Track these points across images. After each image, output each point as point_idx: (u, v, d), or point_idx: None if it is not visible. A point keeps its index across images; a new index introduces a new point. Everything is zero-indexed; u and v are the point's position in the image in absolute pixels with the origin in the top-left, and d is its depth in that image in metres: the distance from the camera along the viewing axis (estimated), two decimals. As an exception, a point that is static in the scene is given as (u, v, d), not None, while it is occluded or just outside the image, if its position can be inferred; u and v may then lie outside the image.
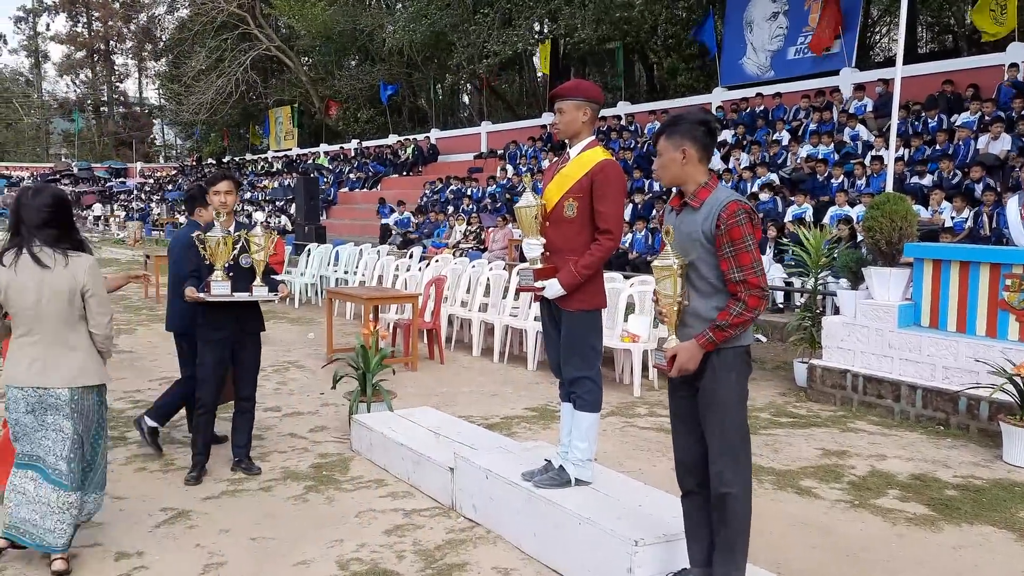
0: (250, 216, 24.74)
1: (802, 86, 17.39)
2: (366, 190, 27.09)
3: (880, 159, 12.08)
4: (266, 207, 28.54)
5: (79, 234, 4.01)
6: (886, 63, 20.99)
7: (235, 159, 42.24)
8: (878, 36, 27.71)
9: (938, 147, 12.60)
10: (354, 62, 37.46)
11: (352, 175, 29.20)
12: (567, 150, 4.09)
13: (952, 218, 10.56)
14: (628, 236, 13.49)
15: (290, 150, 38.30)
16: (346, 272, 14.03)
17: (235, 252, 5.11)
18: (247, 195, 30.91)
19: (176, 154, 63.11)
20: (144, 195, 41.88)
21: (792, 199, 12.61)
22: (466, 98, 39.19)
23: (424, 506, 4.74)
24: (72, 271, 3.75)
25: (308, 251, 14.68)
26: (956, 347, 6.42)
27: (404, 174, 27.13)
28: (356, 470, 5.37)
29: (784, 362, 8.66)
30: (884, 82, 14.87)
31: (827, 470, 5.37)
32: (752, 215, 3.10)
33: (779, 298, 10.91)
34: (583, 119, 3.99)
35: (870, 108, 14.94)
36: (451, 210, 19.67)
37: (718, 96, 19.44)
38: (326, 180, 29.15)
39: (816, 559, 4.08)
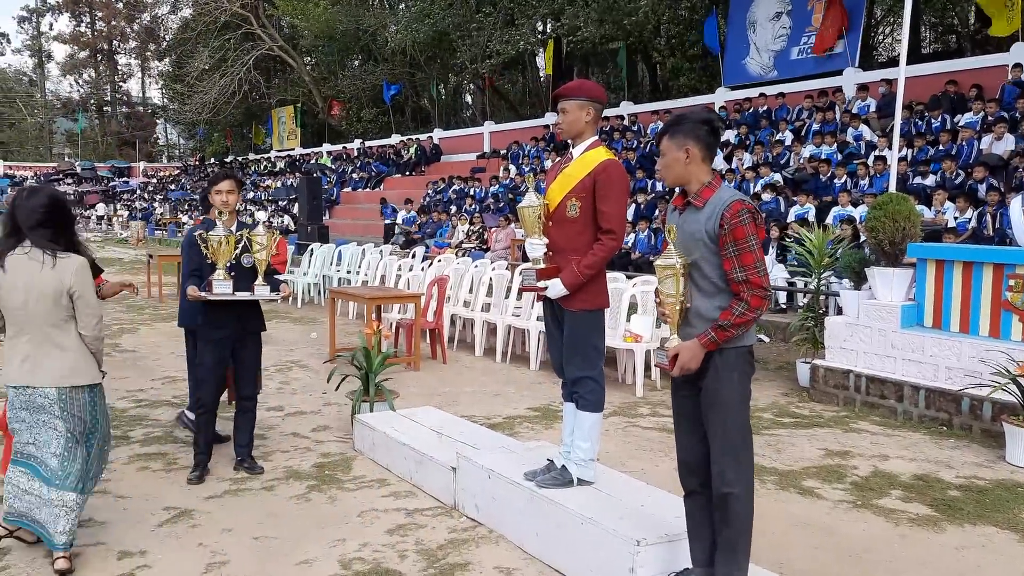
0: (252, 215, 24.75)
1: (805, 86, 17.38)
2: (369, 190, 27.11)
3: (883, 159, 12.07)
4: (269, 207, 28.57)
5: (76, 235, 4.01)
6: (889, 63, 20.99)
7: (238, 159, 42.30)
8: (881, 36, 27.69)
9: (941, 147, 12.58)
10: (357, 62, 37.53)
11: (355, 175, 29.23)
12: (570, 150, 4.09)
13: (955, 218, 10.54)
14: (631, 236, 13.49)
15: (293, 150, 38.35)
16: (349, 272, 14.04)
17: (237, 251, 5.12)
18: (250, 195, 30.93)
19: (179, 154, 63.24)
20: (147, 195, 41.98)
21: (795, 199, 12.60)
22: (469, 98, 39.24)
23: (426, 506, 4.74)
24: (58, 272, 3.75)
25: (311, 251, 14.69)
26: (959, 347, 6.41)
27: (407, 174, 27.15)
28: (358, 470, 5.37)
29: (787, 362, 8.66)
30: (887, 82, 14.85)
31: (830, 470, 5.37)
32: (755, 215, 3.09)
33: (782, 298, 10.90)
34: (586, 119, 3.99)
35: (873, 108, 14.92)
36: (454, 210, 19.68)
37: (721, 96, 19.43)
38: (329, 180, 29.17)
39: (818, 559, 4.08)
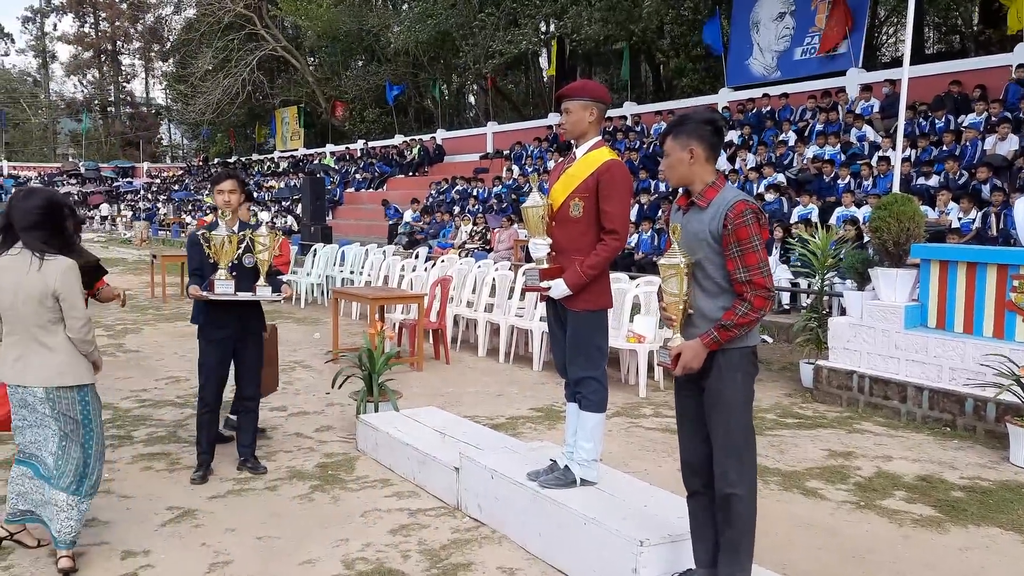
0: (256, 215, 24.76)
1: (808, 87, 17.36)
2: (372, 190, 27.13)
3: (887, 160, 12.05)
4: (272, 207, 28.60)
5: (72, 239, 4.03)
6: (893, 63, 20.93)
7: (241, 159, 42.34)
8: (885, 36, 27.67)
9: (945, 148, 12.56)
10: (360, 62, 37.57)
11: (358, 175, 29.25)
12: (573, 150, 4.09)
13: (959, 219, 10.52)
14: (634, 237, 13.48)
15: (296, 150, 38.38)
16: (352, 272, 14.06)
17: (239, 251, 5.13)
18: (253, 195, 30.92)
19: (183, 154, 63.30)
20: (151, 195, 42.02)
21: (798, 200, 12.59)
22: (472, 98, 39.26)
23: (429, 506, 4.74)
24: (44, 274, 3.75)
25: (314, 251, 14.69)
26: (963, 348, 6.40)
27: (410, 174, 27.16)
28: (362, 470, 5.37)
29: (790, 363, 8.65)
30: (891, 82, 14.83)
31: (833, 471, 5.36)
32: (759, 215, 3.09)
33: (785, 299, 10.89)
34: (590, 119, 3.99)
35: (877, 109, 14.90)
36: (457, 210, 19.69)
37: (724, 96, 19.42)
38: (332, 180, 29.19)
39: (822, 560, 4.07)
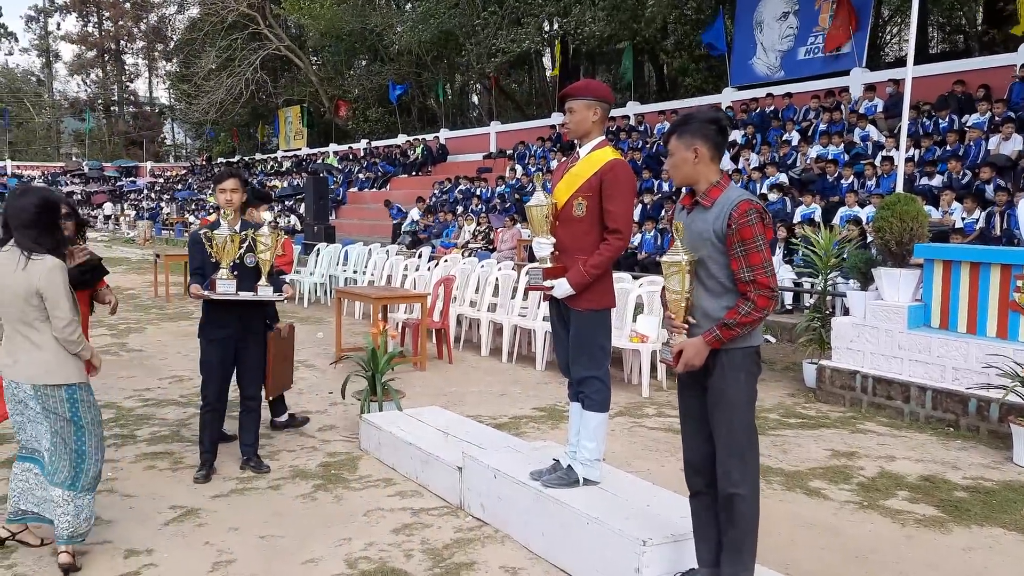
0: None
1: (812, 86, 17.34)
2: (375, 190, 27.14)
3: (890, 160, 12.03)
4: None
5: (64, 238, 4.07)
6: (897, 63, 20.92)
7: (245, 159, 42.38)
8: (889, 36, 27.62)
9: (948, 148, 12.54)
10: (363, 62, 37.58)
11: (361, 175, 29.26)
12: (577, 150, 4.08)
13: (963, 219, 10.50)
14: (637, 236, 13.48)
15: (299, 150, 38.41)
16: (355, 272, 14.06)
17: (241, 251, 5.13)
18: (256, 195, 30.94)
19: (186, 153, 63.40)
20: (154, 194, 42.08)
21: (801, 200, 12.57)
22: (475, 98, 39.27)
23: (432, 505, 4.74)
24: (28, 273, 3.77)
25: (317, 251, 14.71)
26: (966, 348, 6.39)
27: (413, 174, 27.16)
28: (364, 469, 5.38)
29: (793, 363, 8.64)
30: (895, 82, 14.80)
31: (836, 471, 5.36)
32: (763, 215, 3.09)
33: (788, 299, 10.87)
34: (593, 119, 3.99)
35: (880, 108, 14.88)
36: (460, 210, 19.68)
37: (728, 96, 19.39)
38: (335, 180, 29.20)
39: (824, 560, 4.07)
